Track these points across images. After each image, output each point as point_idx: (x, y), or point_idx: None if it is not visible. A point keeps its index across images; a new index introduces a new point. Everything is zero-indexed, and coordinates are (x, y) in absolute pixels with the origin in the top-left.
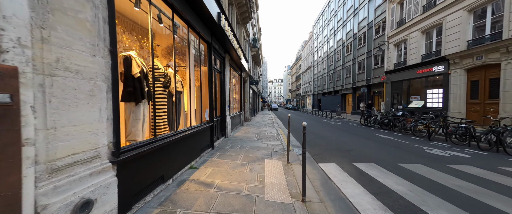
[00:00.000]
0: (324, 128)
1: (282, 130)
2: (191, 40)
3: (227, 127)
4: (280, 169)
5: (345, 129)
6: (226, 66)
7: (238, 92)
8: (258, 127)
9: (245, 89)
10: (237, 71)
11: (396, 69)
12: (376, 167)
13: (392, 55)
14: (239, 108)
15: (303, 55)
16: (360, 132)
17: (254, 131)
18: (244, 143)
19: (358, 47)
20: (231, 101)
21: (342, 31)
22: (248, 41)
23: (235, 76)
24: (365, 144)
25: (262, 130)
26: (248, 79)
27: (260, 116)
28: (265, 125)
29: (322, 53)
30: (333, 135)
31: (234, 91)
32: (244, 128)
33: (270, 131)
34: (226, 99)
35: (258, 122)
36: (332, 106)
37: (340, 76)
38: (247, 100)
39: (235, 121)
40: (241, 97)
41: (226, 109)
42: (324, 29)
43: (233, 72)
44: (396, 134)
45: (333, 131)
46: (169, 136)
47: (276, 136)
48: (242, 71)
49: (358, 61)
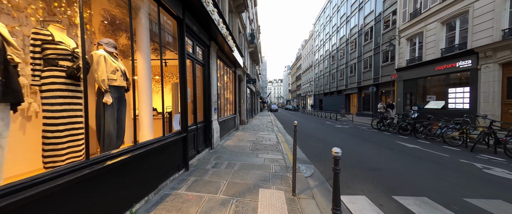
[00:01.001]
0: (331, 132)
1: (283, 136)
2: (142, 8)
3: (213, 135)
4: (282, 207)
5: (356, 134)
6: (212, 58)
7: (232, 91)
8: (255, 131)
9: (240, 89)
10: (231, 68)
11: (410, 66)
12: (433, 206)
13: (404, 50)
14: (233, 110)
15: (304, 55)
16: (377, 139)
17: (249, 138)
18: (234, 157)
19: (363, 43)
20: (221, 102)
21: (345, 28)
22: (245, 35)
23: (228, 73)
24: (392, 157)
25: (260, 136)
26: (245, 77)
27: (258, 118)
28: (263, 128)
29: (324, 52)
30: (346, 144)
31: (227, 91)
32: (238, 134)
33: (268, 138)
34: (212, 100)
35: (256, 125)
36: (335, 107)
37: (343, 75)
38: (243, 101)
39: (227, 126)
40: (235, 98)
41: (212, 112)
42: (326, 26)
43: (225, 68)
44: (421, 142)
45: (343, 138)
46: (80, 166)
47: (276, 144)
48: (237, 68)
49: (364, 58)
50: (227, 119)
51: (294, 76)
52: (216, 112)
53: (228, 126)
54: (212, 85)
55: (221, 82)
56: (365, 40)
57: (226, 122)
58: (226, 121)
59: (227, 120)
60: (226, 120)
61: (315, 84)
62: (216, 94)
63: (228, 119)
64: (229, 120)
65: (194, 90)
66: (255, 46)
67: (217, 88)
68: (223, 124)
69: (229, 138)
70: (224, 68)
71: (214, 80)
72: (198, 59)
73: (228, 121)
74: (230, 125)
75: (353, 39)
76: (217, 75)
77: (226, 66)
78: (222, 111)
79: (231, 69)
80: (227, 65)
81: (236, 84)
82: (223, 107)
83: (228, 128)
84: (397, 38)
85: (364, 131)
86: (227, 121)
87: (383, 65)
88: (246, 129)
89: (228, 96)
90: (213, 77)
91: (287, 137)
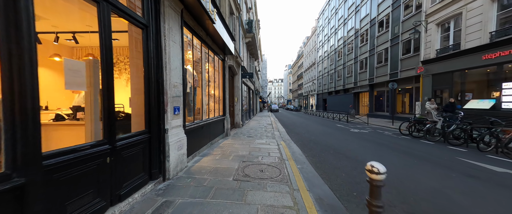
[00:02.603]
0: (349, 140)
1: (287, 147)
2: None
3: (169, 154)
4: None
5: (387, 143)
6: (167, 18)
7: (220, 86)
8: (251, 139)
9: (233, 84)
10: (218, 55)
11: (441, 57)
12: None
13: (433, 38)
14: (221, 110)
15: (306, 52)
16: (425, 152)
17: (240, 151)
18: (196, 207)
19: (377, 34)
20: (199, 99)
21: (354, 19)
22: (240, 20)
23: (214, 61)
24: (502, 201)
25: (255, 147)
26: (239, 71)
27: (257, 119)
28: (261, 134)
29: (328, 48)
30: (384, 161)
31: (211, 84)
32: (226, 143)
33: (267, 150)
34: (168, 93)
35: (252, 129)
36: (342, 107)
37: (351, 72)
38: (237, 99)
39: (208, 133)
40: (224, 94)
41: (167, 114)
42: (331, 20)
43: (207, 52)
44: (497, 159)
45: (374, 150)
46: None
47: (279, 164)
48: (226, 56)
49: (378, 51)
50: (209, 123)
51: (295, 75)
52: (180, 114)
53: (210, 133)
54: (170, 67)
55: (198, 69)
56: (379, 30)
57: (206, 127)
58: (206, 127)
59: (208, 124)
60: (206, 124)
61: (318, 82)
62: (180, 84)
63: (210, 123)
64: (213, 124)
65: (107, 72)
66: (253, 36)
67: (185, 74)
68: (199, 131)
69: (209, 152)
70: (204, 52)
71: (174, 59)
72: (129, 13)
73: (210, 126)
74: (214, 131)
75: (363, 31)
76: (187, 55)
77: (210, 51)
78: (201, 111)
79: (219, 57)
80: (211, 49)
81: (226, 77)
82: (203, 105)
83: (210, 135)
84: (423, 24)
85: (394, 138)
86: (207, 126)
87: (403, 58)
88: (240, 134)
89: (214, 93)
90: (170, 54)
91: (293, 147)
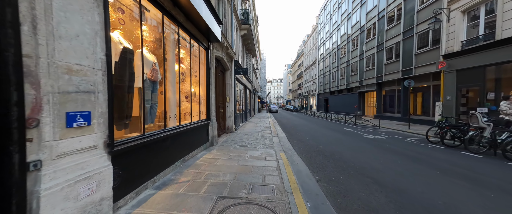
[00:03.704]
0: (367, 151)
1: (290, 165)
2: None
3: None
4: None
5: (418, 155)
6: None
7: (203, 83)
8: (242, 149)
9: (225, 81)
10: (200, 42)
11: (468, 49)
12: None
13: (457, 28)
14: (205, 113)
15: (306, 51)
16: (493, 176)
17: (222, 175)
18: None
19: (387, 28)
20: (166, 100)
21: (359, 13)
22: (232, 5)
23: (194, 49)
24: None
25: (246, 165)
26: (233, 66)
27: (254, 121)
28: (257, 141)
29: (330, 45)
30: (435, 193)
31: (188, 79)
32: (207, 158)
33: (262, 173)
34: (38, 87)
35: (247, 134)
36: (345, 107)
37: (356, 70)
38: (229, 99)
39: (175, 147)
40: (209, 93)
41: (39, 129)
42: (333, 15)
43: (174, 28)
44: None
45: (410, 170)
46: None
47: (278, 204)
48: (212, 43)
49: (387, 47)
50: (179, 133)
51: (295, 74)
52: (93, 126)
53: (183, 145)
54: (53, 28)
55: (161, 56)
56: (388, 23)
57: (174, 139)
58: (174, 138)
59: (177, 134)
60: (174, 134)
61: (320, 82)
62: (93, 69)
63: (181, 133)
64: (188, 133)
65: None
66: (249, 28)
67: (109, 52)
68: (158, 146)
69: (173, 179)
70: (172, 30)
71: (69, 16)
72: None
73: (183, 136)
74: (190, 141)
75: (370, 24)
76: (135, 31)
77: (186, 33)
78: (168, 116)
79: (201, 45)
80: (187, 32)
81: (211, 71)
82: (170, 107)
83: (183, 148)
84: (445, 13)
85: (424, 148)
86: (176, 137)
87: (418, 52)
88: (230, 142)
89: (194, 90)
90: (57, 1)
91: (297, 163)
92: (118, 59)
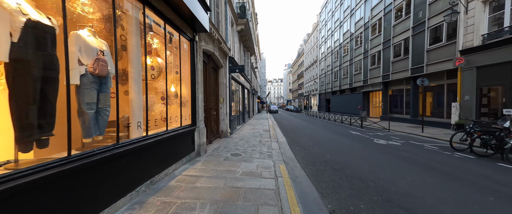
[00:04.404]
0: (387, 163)
1: (293, 191)
2: None
3: None
4: None
5: (450, 169)
6: None
7: (188, 81)
8: (235, 161)
9: (218, 80)
10: (182, 31)
11: (491, 43)
12: None
13: (477, 20)
14: (190, 117)
15: (306, 50)
16: None
17: (198, 206)
18: None
19: (394, 23)
20: (128, 102)
21: (363, 8)
22: None
23: (174, 40)
24: None
25: (235, 187)
26: (227, 63)
27: (253, 123)
28: (253, 148)
29: (332, 43)
30: None
31: (167, 75)
32: (186, 177)
33: (255, 201)
34: None
35: (243, 139)
36: (348, 108)
37: (360, 69)
38: (223, 100)
39: (138, 166)
40: (194, 93)
41: None
42: (335, 12)
43: (138, 6)
44: None
45: (457, 195)
46: None
47: None
48: (198, 34)
49: (395, 43)
50: (144, 148)
51: (295, 74)
52: None
53: (150, 162)
54: None
55: (118, 42)
56: (396, 18)
57: (133, 156)
58: (134, 154)
59: (140, 149)
60: (134, 150)
61: (321, 81)
62: None
63: (147, 148)
64: (159, 145)
65: None
66: (246, 23)
67: None
68: (104, 170)
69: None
70: (135, 9)
71: None
72: None
73: (151, 151)
74: (164, 156)
75: (376, 20)
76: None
77: (156, 14)
78: (132, 125)
79: (185, 36)
80: (159, 14)
81: (197, 66)
82: (134, 112)
83: (149, 167)
84: (462, 3)
85: (452, 159)
86: (139, 152)
87: (430, 48)
88: (222, 150)
89: (175, 90)
90: None
91: (301, 182)
92: (18, 39)
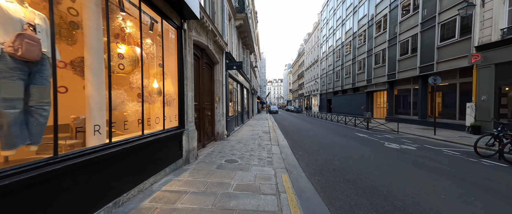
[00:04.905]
0: (407, 172)
1: (300, 211)
2: None
3: None
4: None
5: (484, 182)
6: None
7: (174, 75)
8: (227, 171)
9: (213, 78)
10: (167, 17)
11: (510, 38)
12: None
13: (496, 13)
14: (177, 118)
15: (307, 49)
16: None
17: None
18: None
19: (401, 19)
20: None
21: (367, 5)
22: None
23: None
24: None
25: (225, 208)
26: (224, 59)
27: (252, 123)
28: (251, 153)
29: (334, 42)
30: None
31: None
32: (165, 193)
33: None
34: None
35: (241, 141)
36: (350, 108)
37: (363, 68)
38: (218, 99)
39: (102, 179)
40: (182, 90)
41: None
42: (337, 10)
43: None
44: None
45: None
46: None
47: None
48: (187, 21)
49: (401, 40)
50: (101, 160)
51: (296, 74)
52: None
53: (116, 177)
54: None
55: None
56: (402, 14)
57: (87, 173)
58: (81, 173)
59: (94, 163)
60: (76, 168)
61: (322, 81)
62: None
63: (106, 159)
64: (129, 155)
65: None
66: (245, 18)
67: None
68: (40, 191)
69: None
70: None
71: None
72: None
73: (115, 164)
74: (134, 168)
75: (380, 17)
76: None
77: None
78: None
79: (169, 22)
80: None
81: (185, 58)
82: (92, 114)
83: (122, 178)
84: None
85: (481, 167)
86: (94, 167)
87: (441, 45)
88: (216, 156)
89: (142, 82)
90: None
91: (310, 201)
92: None
